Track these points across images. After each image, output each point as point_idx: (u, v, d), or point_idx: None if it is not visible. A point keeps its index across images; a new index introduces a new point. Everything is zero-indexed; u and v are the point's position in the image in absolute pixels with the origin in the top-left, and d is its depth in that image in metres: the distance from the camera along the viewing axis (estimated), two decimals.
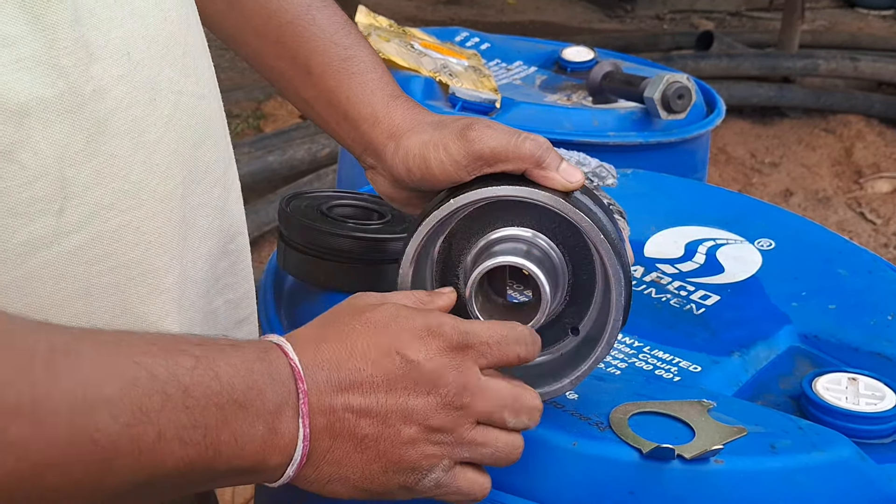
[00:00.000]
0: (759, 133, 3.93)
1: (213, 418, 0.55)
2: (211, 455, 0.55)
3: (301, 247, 0.92)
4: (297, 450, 0.59)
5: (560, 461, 0.71)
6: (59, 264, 0.61)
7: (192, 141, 0.70)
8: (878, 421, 0.77)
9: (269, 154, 3.02)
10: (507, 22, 5.16)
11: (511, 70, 1.82)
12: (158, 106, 0.66)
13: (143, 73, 0.64)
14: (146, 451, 0.52)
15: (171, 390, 0.53)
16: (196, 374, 0.55)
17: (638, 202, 1.09)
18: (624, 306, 0.69)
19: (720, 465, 0.69)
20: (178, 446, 0.54)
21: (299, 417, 0.59)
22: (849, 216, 3.38)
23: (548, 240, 0.71)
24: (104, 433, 0.50)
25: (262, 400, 0.57)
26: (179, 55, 0.69)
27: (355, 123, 0.80)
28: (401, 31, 1.73)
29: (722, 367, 0.86)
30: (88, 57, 0.60)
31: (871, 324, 0.92)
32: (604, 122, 1.54)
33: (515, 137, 0.71)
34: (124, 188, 0.63)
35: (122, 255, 0.64)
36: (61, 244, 0.61)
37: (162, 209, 0.66)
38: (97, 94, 0.61)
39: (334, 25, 0.83)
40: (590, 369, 0.71)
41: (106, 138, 0.62)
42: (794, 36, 4.16)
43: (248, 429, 0.57)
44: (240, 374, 0.57)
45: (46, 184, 0.59)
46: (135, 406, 0.52)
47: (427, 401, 0.62)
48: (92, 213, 0.62)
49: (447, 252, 0.74)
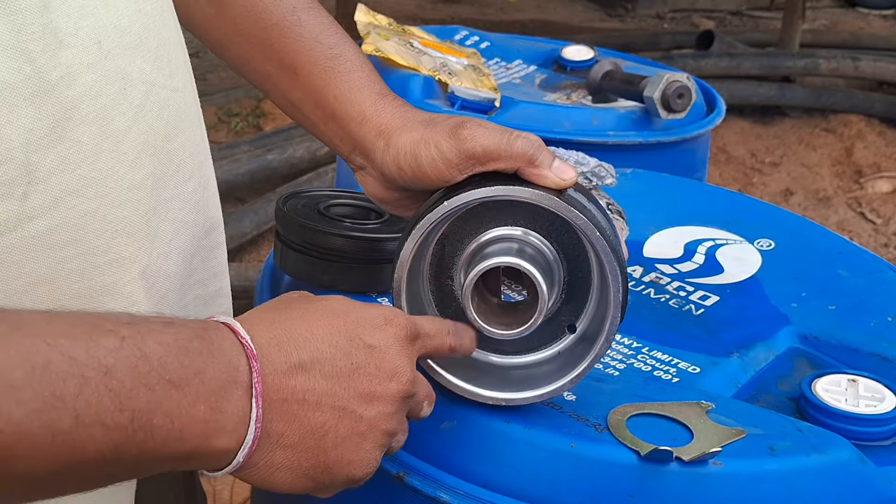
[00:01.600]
0: (760, 132, 3.92)
1: (142, 400, 0.52)
2: (141, 439, 0.53)
3: (298, 246, 0.92)
4: (249, 432, 0.57)
5: (557, 463, 0.71)
6: (22, 249, 0.61)
7: (163, 133, 0.70)
8: (878, 423, 0.77)
9: (268, 152, 3.02)
10: (508, 20, 5.16)
11: (510, 69, 1.82)
12: (128, 96, 0.66)
13: (114, 63, 0.64)
14: (61, 438, 0.50)
15: (90, 373, 0.51)
16: (121, 355, 0.52)
17: (637, 202, 1.08)
18: (621, 303, 0.69)
19: (719, 468, 0.69)
20: (101, 431, 0.51)
21: (252, 398, 0.57)
22: (849, 216, 3.38)
23: (542, 238, 0.71)
24: (8, 420, 0.48)
25: (200, 379, 0.55)
26: (153, 47, 0.69)
27: (343, 122, 0.80)
28: (400, 30, 1.73)
29: (721, 368, 0.85)
30: (57, 43, 0.60)
31: (872, 325, 0.91)
32: (603, 122, 1.54)
33: (507, 136, 0.71)
34: (91, 175, 0.63)
35: (88, 242, 0.64)
36: (25, 229, 0.60)
37: (129, 198, 0.66)
38: (64, 81, 0.61)
39: (320, 26, 0.83)
40: (589, 368, 0.71)
41: (73, 125, 0.62)
42: (795, 35, 4.16)
43: (186, 409, 0.54)
44: (171, 352, 0.54)
45: (10, 168, 0.59)
46: (46, 391, 0.49)
47: (388, 387, 0.62)
48: (57, 198, 0.61)
49: (440, 253, 0.74)
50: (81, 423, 0.50)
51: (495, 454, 0.72)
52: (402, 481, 0.73)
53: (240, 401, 0.57)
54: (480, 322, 0.71)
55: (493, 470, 0.72)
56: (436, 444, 0.74)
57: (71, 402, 0.50)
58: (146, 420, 0.53)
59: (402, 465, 0.74)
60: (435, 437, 0.74)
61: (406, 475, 0.73)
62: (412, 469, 0.73)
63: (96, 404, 0.51)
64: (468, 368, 0.73)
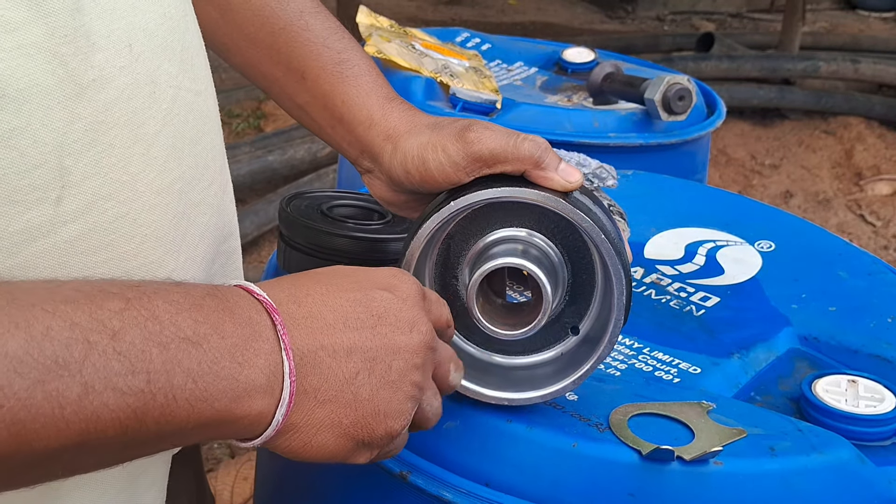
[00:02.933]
0: (760, 135, 3.93)
1: (156, 361, 0.50)
2: (162, 402, 0.50)
3: (301, 247, 0.92)
4: (285, 387, 0.54)
5: (559, 462, 0.71)
6: (56, 254, 0.60)
7: (189, 137, 0.69)
8: (878, 423, 0.77)
9: (269, 154, 3.02)
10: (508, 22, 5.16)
11: (512, 71, 1.82)
12: (158, 99, 0.65)
13: (144, 66, 0.64)
14: (71, 408, 0.47)
15: (94, 337, 0.48)
16: (127, 316, 0.49)
17: (638, 203, 1.09)
18: (625, 305, 0.70)
19: (719, 467, 0.69)
20: (114, 397, 0.48)
21: (281, 351, 0.55)
22: (849, 218, 3.38)
23: (546, 240, 0.72)
24: (9, 394, 0.45)
25: (219, 335, 0.52)
26: (178, 51, 0.69)
27: (351, 127, 0.80)
28: (402, 32, 1.73)
29: (721, 368, 0.86)
30: (90, 46, 0.59)
31: (871, 326, 0.92)
32: (604, 124, 1.54)
33: (514, 138, 0.71)
34: (122, 179, 0.62)
35: (118, 247, 0.63)
36: (59, 233, 0.59)
37: (159, 202, 0.66)
38: (97, 84, 0.60)
39: (327, 30, 0.83)
40: (592, 368, 0.71)
41: (105, 128, 0.61)
42: (795, 37, 4.17)
43: (208, 366, 0.51)
44: (184, 310, 0.52)
45: (45, 172, 0.58)
46: (48, 359, 0.47)
47: (411, 338, 0.61)
48: (90, 202, 0.61)
49: (446, 253, 0.74)
50: (91, 390, 0.48)
51: (498, 453, 0.72)
52: (405, 480, 0.74)
53: (269, 355, 0.54)
54: (485, 322, 0.71)
55: (496, 469, 0.72)
56: (439, 443, 0.74)
57: (76, 368, 0.47)
58: (165, 381, 0.50)
59: (405, 464, 0.74)
60: (438, 436, 0.74)
61: (409, 474, 0.74)
62: (415, 468, 0.74)
63: (104, 368, 0.48)
64: (471, 368, 0.74)
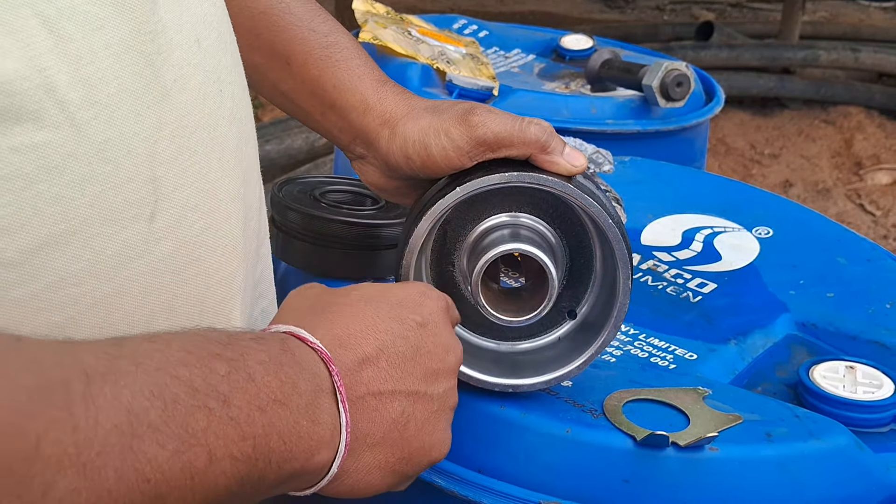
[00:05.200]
0: (759, 124, 3.92)
1: (258, 425, 0.49)
2: (262, 466, 0.50)
3: (294, 233, 0.92)
4: (342, 440, 0.55)
5: (553, 448, 0.70)
6: (150, 275, 0.55)
7: (245, 137, 0.65)
8: (876, 409, 0.76)
9: (266, 143, 3.01)
10: (507, 12, 5.14)
11: (509, 58, 1.81)
12: (224, 98, 0.60)
13: (210, 62, 0.59)
14: (199, 477, 0.47)
15: (212, 403, 0.47)
16: (233, 380, 0.49)
17: (635, 189, 1.08)
18: (630, 290, 0.69)
19: (715, 453, 0.69)
20: (230, 465, 0.48)
21: (338, 403, 0.55)
22: (848, 208, 3.37)
23: (545, 224, 0.71)
24: (154, 466, 0.44)
25: (298, 393, 0.52)
26: (229, 42, 0.64)
27: (343, 112, 0.78)
28: (398, 18, 1.72)
29: (718, 354, 0.85)
30: (168, 43, 0.54)
31: (870, 312, 0.91)
32: (602, 110, 1.53)
33: (519, 122, 0.70)
34: (205, 188, 0.58)
35: (204, 261, 0.59)
36: (153, 252, 0.54)
37: (234, 210, 0.61)
38: (178, 85, 0.55)
39: (310, 13, 0.80)
40: (597, 353, 0.71)
41: (188, 133, 0.56)
42: (795, 27, 4.15)
43: (293, 427, 0.52)
44: (271, 370, 0.51)
45: (138, 185, 0.53)
46: (181, 429, 0.46)
47: (448, 361, 0.61)
48: (179, 216, 0.56)
49: (442, 239, 0.73)
50: (214, 458, 0.47)
51: (491, 439, 0.72)
52: None
53: (330, 408, 0.55)
54: (490, 309, 0.70)
55: (489, 455, 0.71)
56: None
57: (202, 437, 0.47)
58: (265, 445, 0.50)
59: None
60: None
61: None
62: None
63: (224, 436, 0.48)
64: (469, 356, 0.73)
